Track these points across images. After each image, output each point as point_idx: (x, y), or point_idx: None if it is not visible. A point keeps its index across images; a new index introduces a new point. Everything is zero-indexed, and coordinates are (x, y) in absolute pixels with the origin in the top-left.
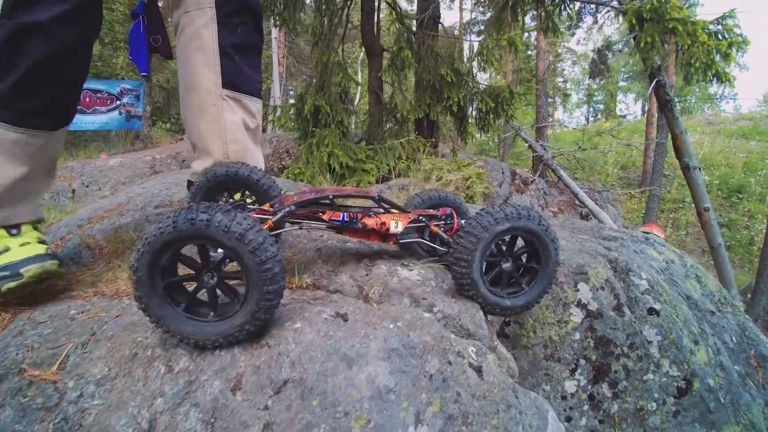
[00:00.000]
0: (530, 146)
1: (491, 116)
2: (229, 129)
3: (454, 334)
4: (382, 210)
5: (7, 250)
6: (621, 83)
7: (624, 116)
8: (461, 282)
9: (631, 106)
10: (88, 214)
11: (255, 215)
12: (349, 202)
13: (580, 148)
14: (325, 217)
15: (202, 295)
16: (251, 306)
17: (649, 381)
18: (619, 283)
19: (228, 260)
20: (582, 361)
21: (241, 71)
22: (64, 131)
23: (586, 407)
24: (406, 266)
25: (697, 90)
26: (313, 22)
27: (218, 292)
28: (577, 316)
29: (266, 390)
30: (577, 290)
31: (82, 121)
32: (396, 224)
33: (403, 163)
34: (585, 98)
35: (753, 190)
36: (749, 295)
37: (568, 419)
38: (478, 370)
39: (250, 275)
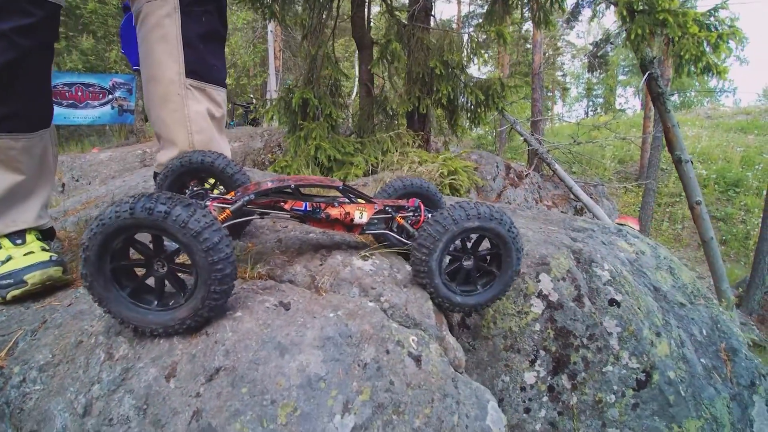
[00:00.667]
0: (525, 140)
1: (482, 109)
2: (194, 118)
3: (399, 323)
4: (347, 200)
5: (9, 259)
6: (621, 77)
7: (623, 110)
8: (418, 269)
9: (630, 100)
10: (67, 207)
11: (214, 203)
12: (317, 192)
13: (575, 141)
14: (286, 206)
15: (150, 282)
16: (196, 303)
17: (608, 373)
18: (582, 273)
19: (180, 253)
20: (542, 353)
21: (205, 60)
22: (47, 132)
23: (545, 399)
24: (363, 257)
25: (697, 84)
26: (302, 14)
27: (166, 282)
28: (537, 307)
29: (199, 378)
30: (539, 281)
31: (74, 116)
32: (361, 215)
33: (391, 155)
34: (584, 92)
35: (750, 184)
36: (740, 289)
37: (527, 410)
38: (417, 360)
39: (200, 273)
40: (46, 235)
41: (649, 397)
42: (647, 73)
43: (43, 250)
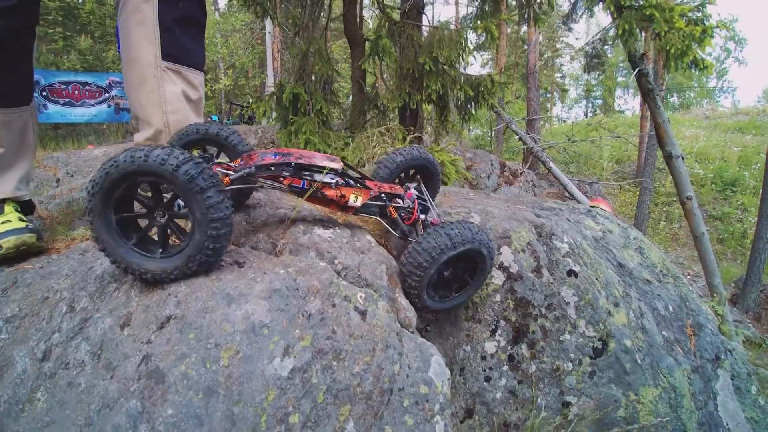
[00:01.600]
0: (521, 138)
1: (472, 105)
2: (170, 99)
3: (350, 282)
4: (343, 183)
5: None
6: (620, 78)
7: (622, 111)
8: (410, 291)
9: (629, 101)
10: (54, 193)
11: (217, 169)
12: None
13: (570, 140)
14: (285, 182)
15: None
16: (193, 248)
17: (565, 341)
18: (542, 246)
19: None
20: (502, 322)
21: (182, 44)
22: (26, 110)
23: (505, 368)
24: (325, 226)
25: (696, 85)
26: (294, 11)
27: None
28: (498, 278)
29: (151, 326)
30: (500, 254)
31: (71, 114)
32: (356, 199)
33: (382, 148)
34: (583, 94)
35: (747, 183)
36: (732, 285)
37: (488, 379)
38: (363, 314)
39: (197, 227)
40: (25, 207)
41: (606, 364)
42: (637, 69)
43: (20, 220)
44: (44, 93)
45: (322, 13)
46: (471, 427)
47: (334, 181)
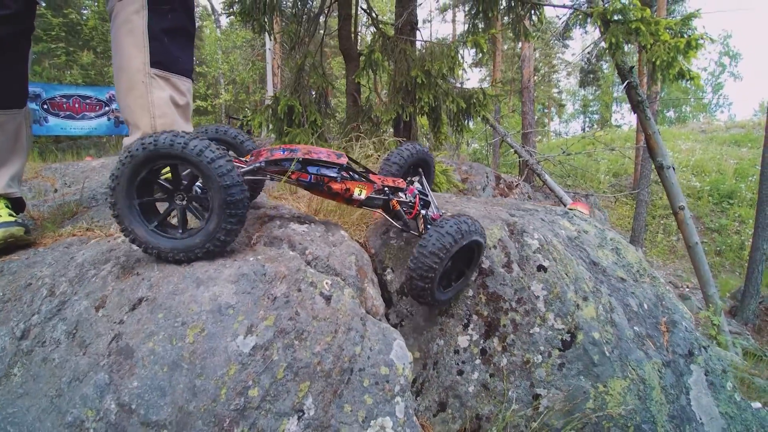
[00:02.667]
0: (516, 151)
1: (464, 117)
2: (157, 104)
3: (318, 270)
4: (348, 177)
5: None
6: (616, 94)
7: (619, 125)
8: (420, 293)
9: (626, 116)
10: (48, 198)
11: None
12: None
13: (564, 152)
14: (293, 176)
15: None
16: (213, 226)
17: (535, 334)
18: (514, 243)
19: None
20: (474, 317)
21: (170, 52)
22: (20, 113)
23: (478, 361)
24: (301, 222)
25: (692, 99)
26: (290, 27)
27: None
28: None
29: (124, 307)
30: None
31: (71, 127)
32: (360, 192)
33: (373, 161)
34: (581, 108)
35: (744, 195)
36: (729, 296)
37: (461, 373)
38: (327, 299)
39: (215, 198)
40: (16, 204)
41: (575, 356)
42: (626, 82)
43: (10, 215)
44: (45, 106)
45: (317, 29)
46: (444, 420)
47: (338, 175)
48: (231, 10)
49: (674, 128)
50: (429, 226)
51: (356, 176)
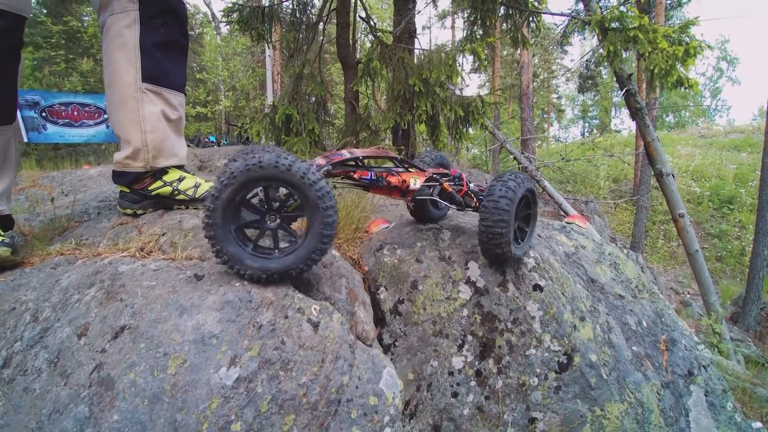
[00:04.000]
0: (515, 158)
1: (463, 125)
2: (148, 119)
3: (307, 295)
4: (402, 169)
5: None
6: (616, 99)
7: (619, 131)
8: (500, 258)
9: (626, 121)
10: (40, 211)
11: None
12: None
13: (563, 158)
14: (356, 176)
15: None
16: (310, 244)
17: (531, 356)
18: None
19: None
20: (469, 337)
21: (162, 67)
22: (9, 129)
23: (473, 383)
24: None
25: (691, 104)
26: (288, 35)
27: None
28: (465, 293)
29: (106, 336)
30: (467, 268)
31: (70, 134)
32: (415, 181)
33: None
34: (580, 114)
35: (744, 200)
36: (730, 303)
37: (455, 395)
38: (315, 326)
39: (313, 218)
40: (5, 222)
41: (571, 379)
42: (625, 89)
43: None
44: (44, 114)
45: (316, 37)
46: None
47: (395, 168)
48: (230, 18)
49: (674, 133)
50: (481, 197)
51: (408, 167)
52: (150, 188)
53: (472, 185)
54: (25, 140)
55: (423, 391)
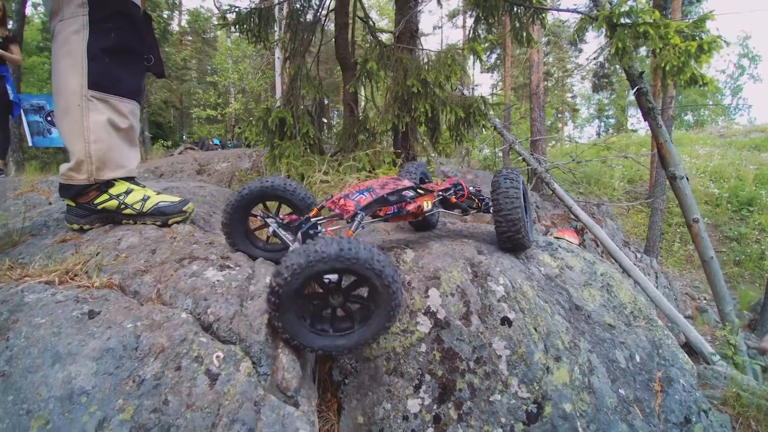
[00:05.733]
0: (524, 159)
1: (464, 126)
2: (93, 129)
3: (217, 336)
4: (416, 195)
5: None
6: (631, 97)
7: (635, 130)
8: (520, 242)
9: (642, 120)
10: (28, 216)
11: (329, 228)
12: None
13: (573, 160)
14: (381, 213)
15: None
16: (377, 324)
17: (495, 402)
18: (476, 289)
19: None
20: (427, 377)
21: (111, 73)
22: None
23: (430, 430)
24: (221, 267)
25: (711, 103)
26: (284, 37)
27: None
28: (424, 325)
29: None
30: (428, 296)
31: None
32: (427, 204)
33: (364, 173)
34: (596, 113)
35: (764, 202)
36: (745, 307)
37: None
38: (214, 379)
39: (380, 302)
40: None
41: None
42: (636, 88)
43: None
44: (49, 118)
45: (312, 38)
46: None
47: (411, 195)
48: (224, 21)
49: (692, 132)
50: (481, 197)
51: (421, 192)
52: (95, 202)
53: (471, 189)
54: (30, 144)
55: None
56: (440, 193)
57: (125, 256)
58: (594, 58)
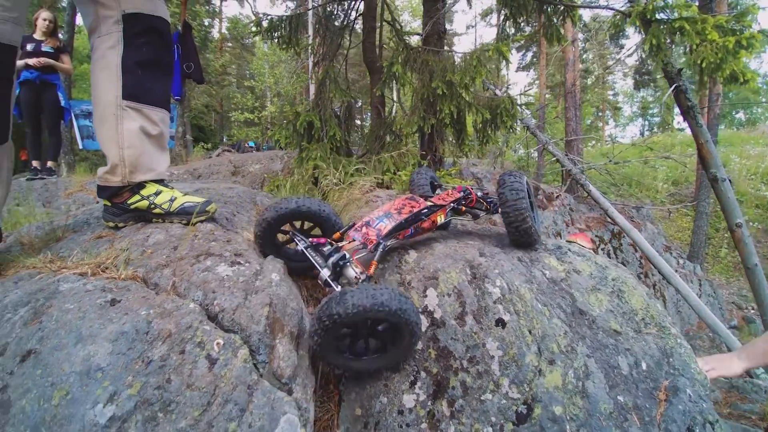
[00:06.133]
0: (558, 160)
1: (491, 128)
2: (126, 136)
3: (221, 325)
4: (430, 212)
5: None
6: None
7: (682, 129)
8: (532, 237)
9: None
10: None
11: (355, 257)
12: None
13: (610, 161)
14: (400, 237)
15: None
16: (398, 353)
17: (487, 402)
18: (473, 290)
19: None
20: (422, 374)
21: (142, 85)
22: (2, 150)
23: (424, 425)
24: (232, 263)
25: (763, 100)
26: (313, 42)
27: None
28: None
29: (17, 358)
30: (425, 296)
31: None
32: (441, 218)
33: (389, 175)
34: (639, 111)
35: None
36: None
37: None
38: (213, 362)
39: (404, 340)
40: None
41: None
42: (674, 86)
43: None
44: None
45: (341, 42)
46: None
47: (425, 212)
48: (258, 28)
49: (743, 131)
50: (489, 200)
51: (434, 208)
52: (129, 202)
53: (479, 193)
54: (80, 147)
55: (370, 428)
56: (451, 204)
57: (151, 251)
58: (628, 56)
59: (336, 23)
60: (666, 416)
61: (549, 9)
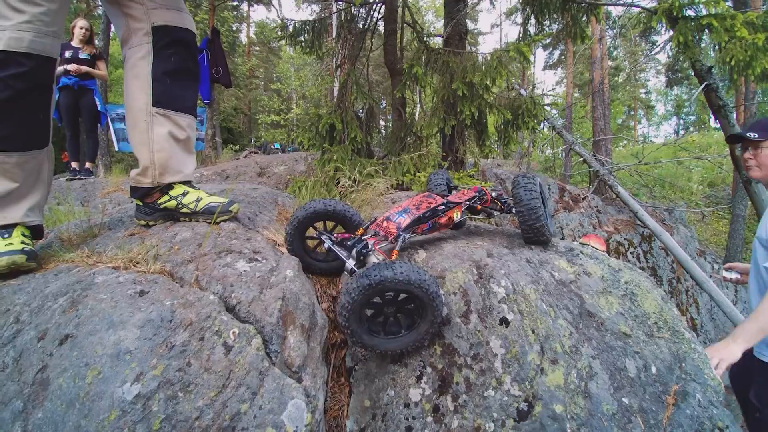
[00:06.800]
0: (585, 160)
1: (512, 128)
2: (156, 140)
3: (237, 317)
4: (446, 209)
5: None
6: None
7: (718, 128)
8: (544, 234)
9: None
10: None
11: (378, 247)
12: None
13: (639, 162)
14: (419, 231)
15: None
16: (422, 330)
17: (489, 398)
18: (479, 289)
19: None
20: (428, 369)
21: (170, 92)
22: (43, 152)
23: (429, 419)
24: (251, 260)
25: None
26: (335, 46)
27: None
28: None
29: (56, 341)
30: None
31: None
32: (457, 215)
33: (409, 176)
34: (674, 110)
35: None
36: None
37: (409, 429)
38: (228, 349)
39: (427, 313)
40: (35, 232)
41: (530, 430)
42: (704, 84)
43: (22, 243)
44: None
45: (362, 45)
46: None
47: (442, 209)
48: (281, 34)
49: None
50: (503, 200)
51: (450, 204)
52: (158, 202)
53: (493, 194)
54: (117, 149)
55: (378, 420)
56: (467, 202)
57: (177, 248)
58: (656, 54)
59: (359, 26)
60: (672, 420)
61: (572, 7)
